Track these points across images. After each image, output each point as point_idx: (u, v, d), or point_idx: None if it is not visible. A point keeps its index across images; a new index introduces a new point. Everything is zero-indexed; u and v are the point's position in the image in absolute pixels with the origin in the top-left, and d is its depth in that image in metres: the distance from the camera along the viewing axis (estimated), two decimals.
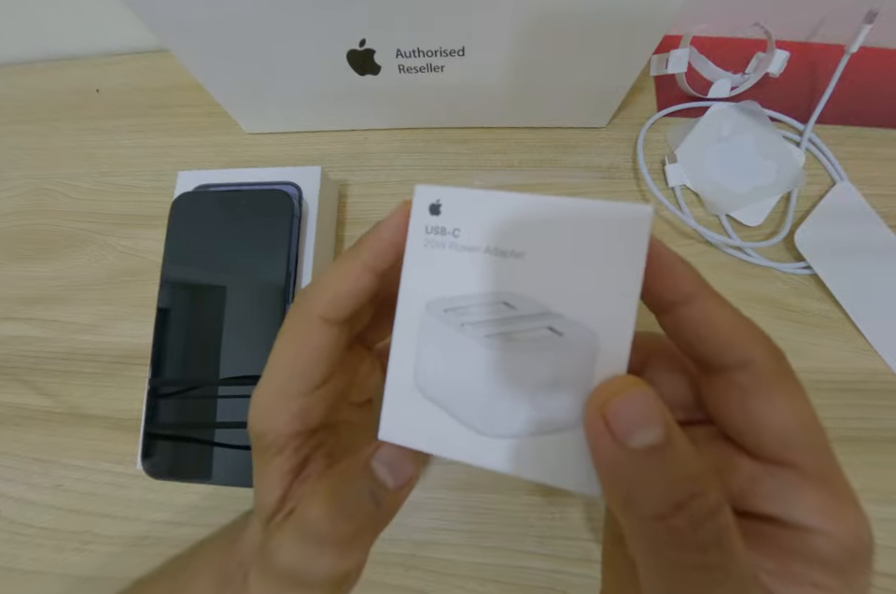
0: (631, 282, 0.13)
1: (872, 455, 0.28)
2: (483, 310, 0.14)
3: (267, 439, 0.16)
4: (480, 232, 0.14)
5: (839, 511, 0.12)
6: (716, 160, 0.34)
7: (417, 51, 0.28)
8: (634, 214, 0.13)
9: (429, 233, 0.14)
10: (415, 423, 0.15)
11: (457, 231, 0.14)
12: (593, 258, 0.13)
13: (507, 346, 0.14)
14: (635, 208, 0.13)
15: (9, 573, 0.30)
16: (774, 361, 0.13)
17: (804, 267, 0.31)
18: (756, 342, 0.13)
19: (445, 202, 0.14)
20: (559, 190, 0.34)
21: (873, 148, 0.34)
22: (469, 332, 0.14)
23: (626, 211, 0.13)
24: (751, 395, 0.13)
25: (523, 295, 0.14)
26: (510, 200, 0.14)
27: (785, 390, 0.13)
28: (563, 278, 0.13)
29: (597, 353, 0.13)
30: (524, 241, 0.14)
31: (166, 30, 0.27)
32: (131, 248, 0.36)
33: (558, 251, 0.13)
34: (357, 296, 0.15)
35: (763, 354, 0.13)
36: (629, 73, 0.29)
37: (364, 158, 0.36)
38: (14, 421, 0.33)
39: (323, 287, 0.16)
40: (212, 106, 0.35)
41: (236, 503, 0.30)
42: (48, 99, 0.41)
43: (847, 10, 0.32)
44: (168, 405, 0.27)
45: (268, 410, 0.16)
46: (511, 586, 0.27)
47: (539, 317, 0.14)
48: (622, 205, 0.13)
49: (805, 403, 0.13)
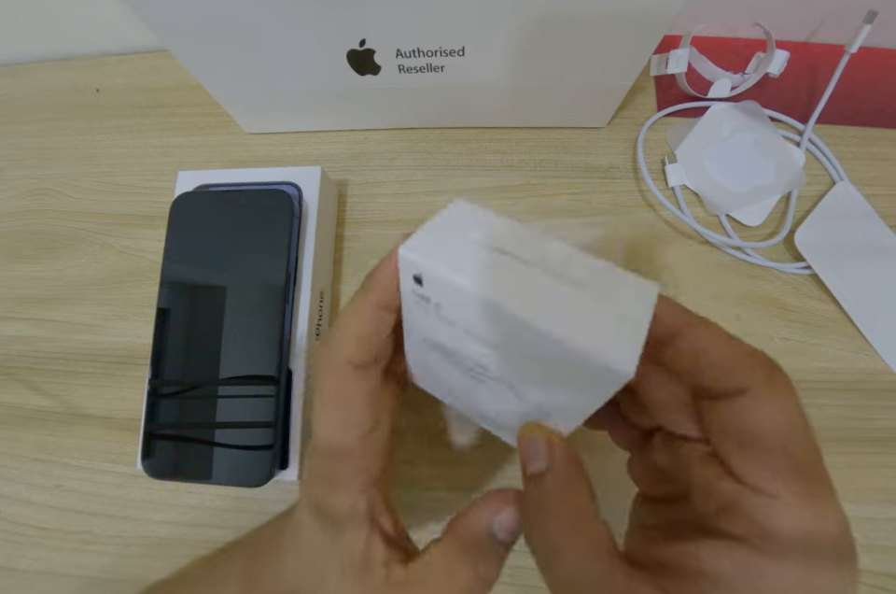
0: (591, 407, 0.14)
1: (872, 455, 0.28)
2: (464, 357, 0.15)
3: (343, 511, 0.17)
4: (459, 315, 0.14)
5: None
6: (716, 160, 0.34)
7: (417, 51, 0.28)
8: (611, 372, 0.12)
9: (415, 294, 0.14)
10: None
11: (439, 306, 0.14)
12: (560, 380, 0.13)
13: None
14: (614, 364, 0.11)
15: (9, 573, 0.30)
16: (768, 388, 0.13)
17: (804, 267, 0.31)
18: (748, 369, 0.14)
19: (426, 278, 0.13)
20: (559, 191, 0.34)
21: (873, 148, 0.34)
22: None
23: (603, 365, 0.11)
24: (740, 424, 0.14)
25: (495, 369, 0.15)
26: (490, 306, 0.12)
27: (774, 420, 0.13)
28: (530, 379, 0.14)
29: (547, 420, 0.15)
30: (499, 339, 0.13)
31: (166, 30, 0.27)
32: (131, 248, 0.36)
33: (528, 363, 0.14)
34: (377, 334, 0.16)
35: (756, 382, 0.13)
36: (629, 73, 0.29)
37: (364, 158, 0.36)
38: (14, 421, 0.33)
39: (343, 332, 0.16)
40: (212, 105, 0.35)
41: (236, 503, 0.30)
42: (48, 99, 0.41)
43: (846, 10, 0.32)
44: (168, 405, 0.27)
45: (336, 485, 0.17)
46: (510, 587, 0.27)
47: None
48: (601, 355, 0.11)
49: (796, 432, 0.13)
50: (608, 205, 0.34)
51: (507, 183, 0.35)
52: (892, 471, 0.28)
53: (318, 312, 0.30)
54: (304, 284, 0.29)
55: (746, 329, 0.31)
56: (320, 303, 0.30)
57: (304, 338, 0.28)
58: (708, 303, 0.31)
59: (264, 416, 0.26)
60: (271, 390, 0.27)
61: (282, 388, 0.27)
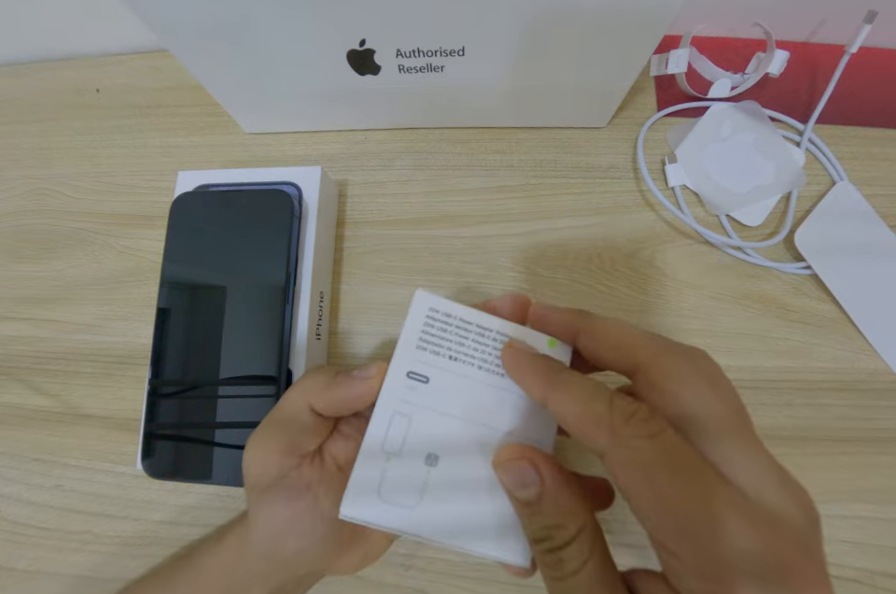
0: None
1: (871, 455, 0.28)
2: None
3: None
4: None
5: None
6: (716, 160, 0.34)
7: (417, 51, 0.28)
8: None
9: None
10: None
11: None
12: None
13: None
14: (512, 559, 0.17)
15: (9, 573, 0.30)
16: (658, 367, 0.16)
17: (804, 267, 0.31)
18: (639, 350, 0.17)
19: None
20: (559, 191, 0.34)
21: (873, 148, 0.34)
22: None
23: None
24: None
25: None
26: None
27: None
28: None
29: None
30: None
31: (166, 30, 0.27)
32: (131, 248, 0.36)
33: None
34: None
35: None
36: (629, 73, 0.29)
37: (364, 158, 0.36)
38: (14, 421, 0.33)
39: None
40: (212, 106, 0.35)
41: (236, 503, 0.30)
42: (48, 99, 0.41)
43: (846, 10, 0.32)
44: (168, 405, 0.27)
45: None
46: (511, 586, 0.27)
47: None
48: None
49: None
50: (608, 204, 0.34)
51: (507, 183, 0.35)
52: (893, 470, 0.28)
53: (318, 312, 0.30)
54: (304, 284, 0.29)
55: (746, 329, 0.31)
56: (320, 303, 0.30)
57: (304, 338, 0.28)
58: (708, 303, 0.31)
59: (264, 416, 0.26)
60: (271, 390, 0.27)
61: (282, 389, 0.27)
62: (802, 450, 0.28)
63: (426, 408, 0.18)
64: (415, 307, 0.19)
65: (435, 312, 0.19)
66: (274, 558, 0.21)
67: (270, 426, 0.21)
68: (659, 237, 0.33)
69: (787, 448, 0.28)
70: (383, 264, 0.33)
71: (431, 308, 0.19)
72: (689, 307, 0.31)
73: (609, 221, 0.33)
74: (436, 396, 0.18)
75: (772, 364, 0.30)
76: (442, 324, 0.19)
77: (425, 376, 0.19)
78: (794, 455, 0.28)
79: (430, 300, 0.19)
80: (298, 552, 0.20)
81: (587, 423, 0.15)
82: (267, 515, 0.20)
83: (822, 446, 0.28)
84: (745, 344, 0.30)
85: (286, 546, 0.20)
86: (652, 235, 0.33)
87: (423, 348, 0.19)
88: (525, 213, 0.34)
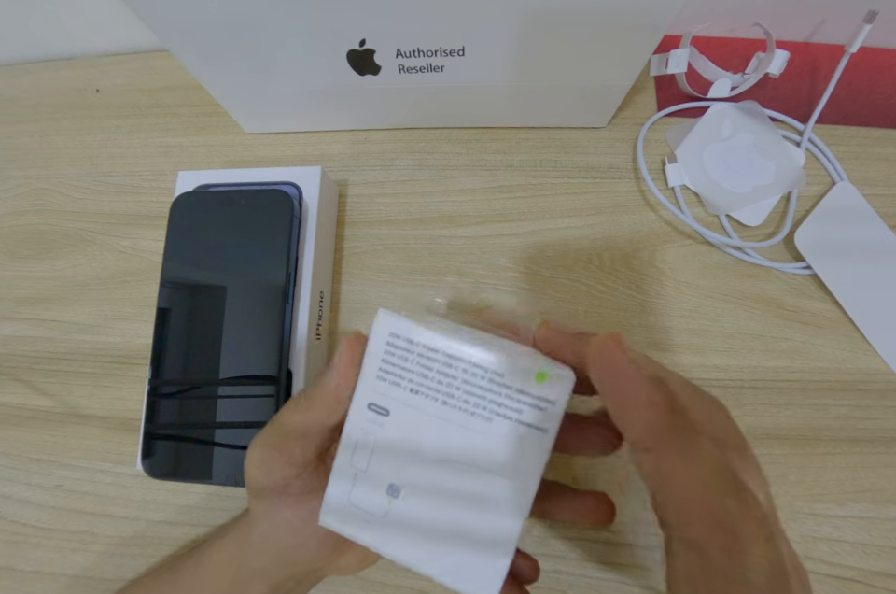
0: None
1: (872, 455, 0.28)
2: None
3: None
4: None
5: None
6: (716, 160, 0.34)
7: (417, 51, 0.28)
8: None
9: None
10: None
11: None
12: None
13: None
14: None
15: (9, 573, 0.30)
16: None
17: (804, 267, 0.31)
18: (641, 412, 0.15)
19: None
20: (559, 191, 0.34)
21: (873, 148, 0.34)
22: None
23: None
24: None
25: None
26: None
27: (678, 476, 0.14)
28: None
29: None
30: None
31: (166, 30, 0.27)
32: (131, 248, 0.36)
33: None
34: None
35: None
36: (629, 73, 0.29)
37: (364, 158, 0.36)
38: (14, 421, 0.33)
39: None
40: (212, 106, 0.35)
41: (236, 503, 0.30)
42: (48, 99, 0.41)
43: (847, 10, 0.32)
44: (168, 405, 0.27)
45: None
46: None
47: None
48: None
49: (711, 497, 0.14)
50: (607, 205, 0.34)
51: (507, 183, 0.35)
52: (893, 470, 0.28)
53: (318, 312, 0.30)
54: (304, 284, 0.29)
55: (746, 329, 0.31)
56: (320, 303, 0.30)
57: (304, 338, 0.28)
58: (708, 302, 0.31)
59: (264, 416, 0.26)
60: (271, 390, 0.27)
61: (282, 388, 0.27)
62: (802, 450, 0.28)
63: (385, 440, 0.17)
64: (375, 331, 0.17)
65: (396, 338, 0.17)
66: (275, 555, 0.21)
67: (273, 435, 0.20)
68: (659, 237, 0.33)
69: (787, 448, 0.28)
70: (383, 264, 0.33)
71: (392, 333, 0.17)
72: (689, 307, 0.31)
73: (608, 221, 0.33)
74: (396, 430, 0.17)
75: (772, 364, 0.30)
76: (404, 352, 0.17)
77: (385, 409, 0.17)
78: (794, 455, 0.28)
79: (392, 324, 0.17)
80: (298, 549, 0.20)
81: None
82: (268, 513, 0.21)
83: (822, 446, 0.28)
84: (745, 344, 0.30)
85: (286, 543, 0.20)
86: (652, 235, 0.33)
87: (382, 379, 0.17)
88: (526, 213, 0.34)
